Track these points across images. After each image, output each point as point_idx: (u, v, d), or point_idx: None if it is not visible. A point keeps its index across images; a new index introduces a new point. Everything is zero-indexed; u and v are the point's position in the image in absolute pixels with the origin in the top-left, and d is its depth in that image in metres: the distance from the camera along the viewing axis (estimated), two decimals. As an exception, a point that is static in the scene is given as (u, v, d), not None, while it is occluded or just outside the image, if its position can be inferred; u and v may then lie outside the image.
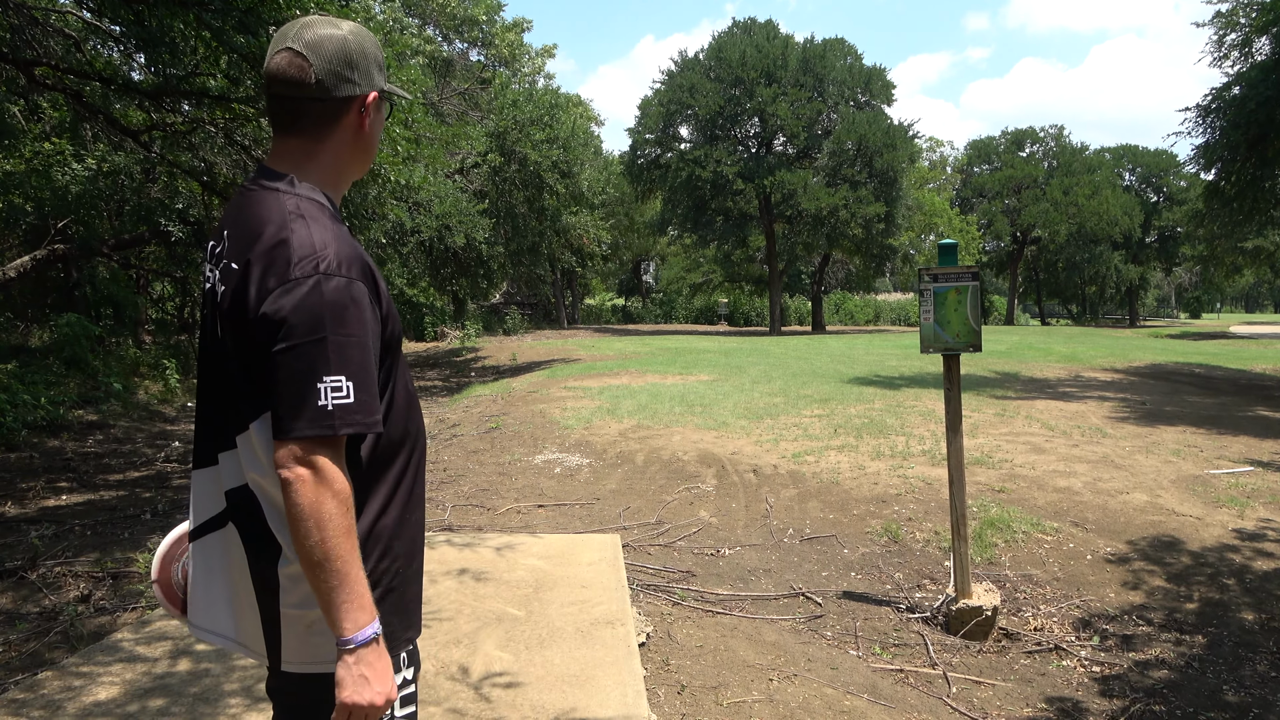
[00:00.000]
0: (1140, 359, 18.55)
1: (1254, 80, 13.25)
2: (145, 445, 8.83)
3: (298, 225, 1.30)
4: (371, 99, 1.43)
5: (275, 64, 1.37)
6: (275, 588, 1.37)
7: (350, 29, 1.40)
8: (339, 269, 1.28)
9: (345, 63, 1.38)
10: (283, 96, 1.38)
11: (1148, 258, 53.53)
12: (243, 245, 1.33)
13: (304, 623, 1.36)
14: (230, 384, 1.35)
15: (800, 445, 7.78)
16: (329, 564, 1.24)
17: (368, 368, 1.28)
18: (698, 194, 34.57)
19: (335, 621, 1.25)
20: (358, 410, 1.25)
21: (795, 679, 3.33)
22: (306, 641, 1.37)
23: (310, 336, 1.24)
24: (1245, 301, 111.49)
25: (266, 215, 1.33)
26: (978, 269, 4.24)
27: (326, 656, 1.34)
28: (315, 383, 1.23)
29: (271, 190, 1.37)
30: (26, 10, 6.98)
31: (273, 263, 1.27)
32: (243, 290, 1.29)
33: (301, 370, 1.23)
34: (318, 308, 1.24)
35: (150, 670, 3.07)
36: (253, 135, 7.54)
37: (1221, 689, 3.60)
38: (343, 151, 1.44)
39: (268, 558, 1.37)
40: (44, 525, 5.45)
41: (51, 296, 13.07)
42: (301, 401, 1.23)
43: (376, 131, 1.47)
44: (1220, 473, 6.78)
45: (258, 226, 1.32)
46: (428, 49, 18.18)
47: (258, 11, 5.67)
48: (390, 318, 1.41)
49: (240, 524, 1.39)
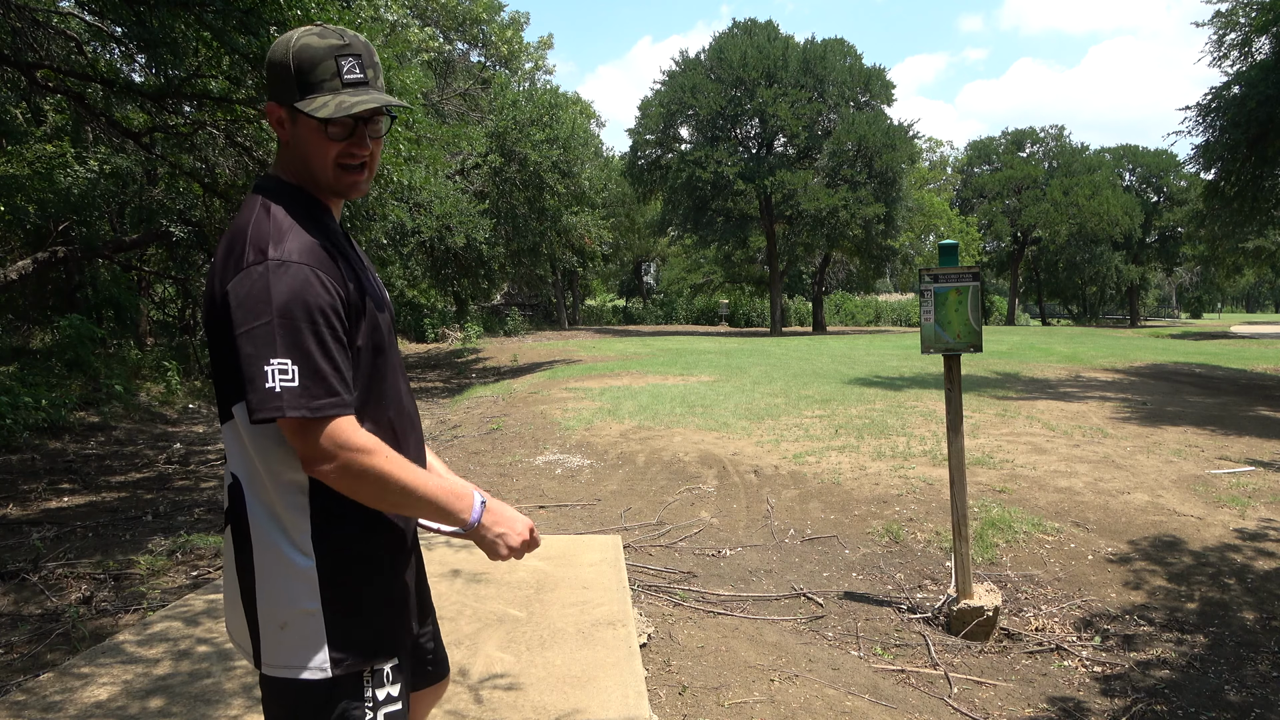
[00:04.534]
0: (1141, 359, 18.55)
1: (1254, 79, 13.25)
2: (147, 447, 8.84)
3: (260, 216, 1.35)
4: (269, 108, 1.43)
5: None
6: (252, 584, 1.36)
7: (287, 37, 1.40)
8: (289, 256, 1.29)
9: (269, 69, 1.41)
10: None
11: (1148, 258, 53.50)
12: (221, 248, 1.38)
13: (276, 623, 1.35)
14: (217, 379, 1.39)
15: (801, 446, 7.78)
16: (408, 500, 1.32)
17: (322, 352, 1.27)
18: (698, 194, 34.57)
19: (452, 523, 1.37)
20: (303, 394, 1.25)
21: (796, 679, 3.33)
22: (279, 643, 1.35)
23: (257, 321, 1.25)
24: (1246, 301, 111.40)
25: (242, 211, 1.39)
26: (978, 269, 4.24)
27: (296, 661, 1.34)
28: (263, 365, 1.24)
29: (255, 191, 1.42)
30: (28, 13, 6.99)
31: (230, 253, 1.33)
32: (212, 281, 1.35)
33: (250, 354, 1.25)
34: (264, 293, 1.26)
35: (150, 671, 3.07)
36: (254, 136, 7.55)
37: (1223, 689, 3.60)
38: (288, 154, 1.45)
39: (246, 553, 1.37)
40: (46, 527, 5.45)
41: (53, 298, 13.08)
42: (252, 384, 1.24)
43: (301, 143, 1.41)
44: (1221, 473, 6.77)
45: (233, 221, 1.39)
46: (431, 45, 18.20)
47: (259, 12, 5.68)
48: (365, 319, 1.40)
49: (231, 519, 1.40)
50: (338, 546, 1.36)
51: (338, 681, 1.36)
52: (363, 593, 1.39)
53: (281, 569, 1.34)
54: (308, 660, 1.34)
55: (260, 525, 1.35)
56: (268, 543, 1.35)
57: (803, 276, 49.08)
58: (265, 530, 1.35)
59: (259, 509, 1.35)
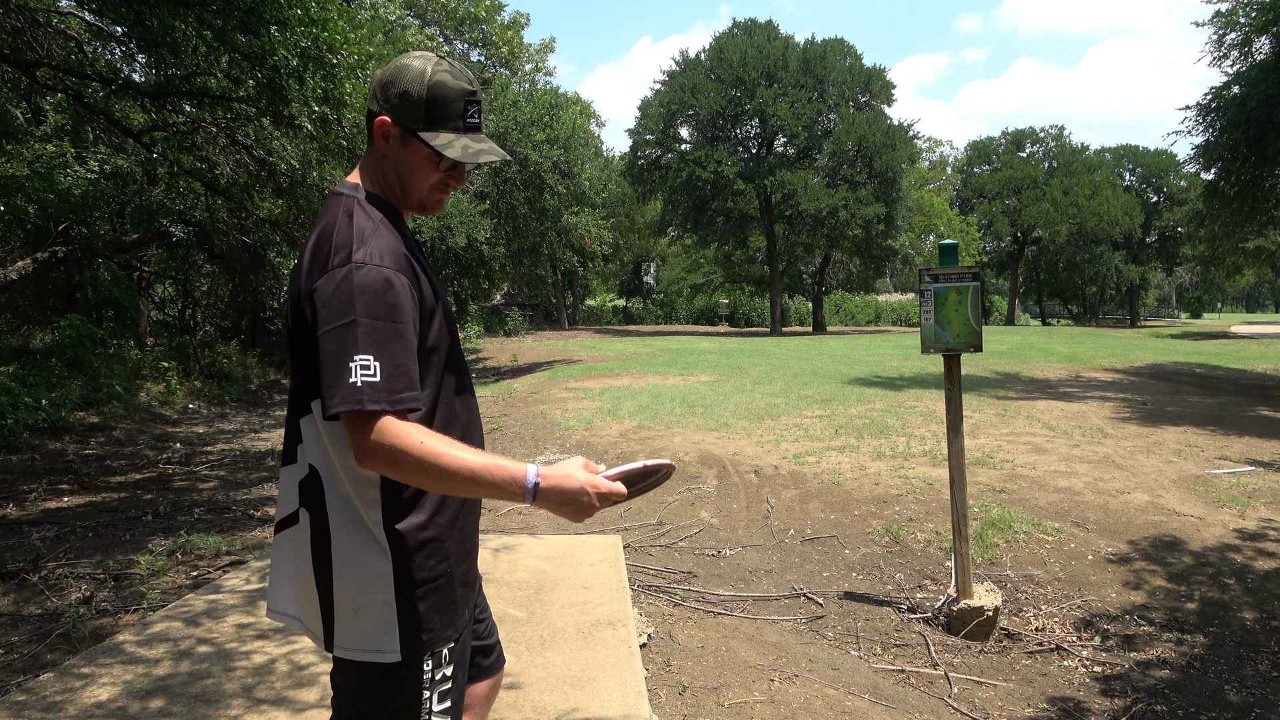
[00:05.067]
0: (1141, 359, 18.55)
1: (1254, 79, 13.25)
2: (147, 447, 8.84)
3: (343, 220, 1.43)
4: (380, 121, 1.49)
5: None
6: (329, 571, 1.44)
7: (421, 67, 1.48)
8: (371, 259, 1.37)
9: (379, 83, 1.51)
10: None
11: (1148, 258, 53.50)
12: (307, 250, 1.46)
13: (351, 608, 1.42)
14: (296, 375, 1.47)
15: (801, 446, 7.78)
16: (463, 482, 1.34)
17: (399, 351, 1.35)
18: (698, 194, 34.56)
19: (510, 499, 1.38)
20: (384, 389, 1.31)
21: (796, 679, 3.33)
22: (353, 627, 1.42)
23: (342, 320, 1.33)
24: (1246, 301, 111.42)
25: (324, 216, 1.47)
26: (978, 269, 4.24)
27: (368, 645, 1.42)
28: (347, 361, 1.31)
29: (336, 195, 1.51)
30: (28, 12, 6.99)
31: (317, 255, 1.41)
32: (298, 282, 1.43)
33: (334, 351, 1.32)
34: (349, 293, 1.34)
35: (151, 671, 3.07)
36: (254, 135, 7.55)
37: (1223, 689, 3.59)
38: (380, 166, 1.53)
39: (324, 541, 1.44)
40: (46, 527, 5.45)
41: (53, 298, 13.07)
42: (335, 380, 1.31)
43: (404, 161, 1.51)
44: (1221, 473, 6.77)
45: (317, 225, 1.47)
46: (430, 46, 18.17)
47: (259, 11, 5.68)
48: (436, 319, 1.49)
49: (309, 509, 1.47)
50: (407, 535, 1.43)
51: (403, 663, 1.43)
52: (429, 579, 1.45)
53: (358, 557, 1.42)
54: (379, 644, 1.42)
55: (339, 515, 1.43)
56: (345, 532, 1.42)
57: (803, 276, 49.07)
58: (343, 520, 1.42)
59: (337, 500, 1.43)
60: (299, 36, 5.92)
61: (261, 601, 3.84)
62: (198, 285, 17.25)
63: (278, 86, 6.13)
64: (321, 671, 3.08)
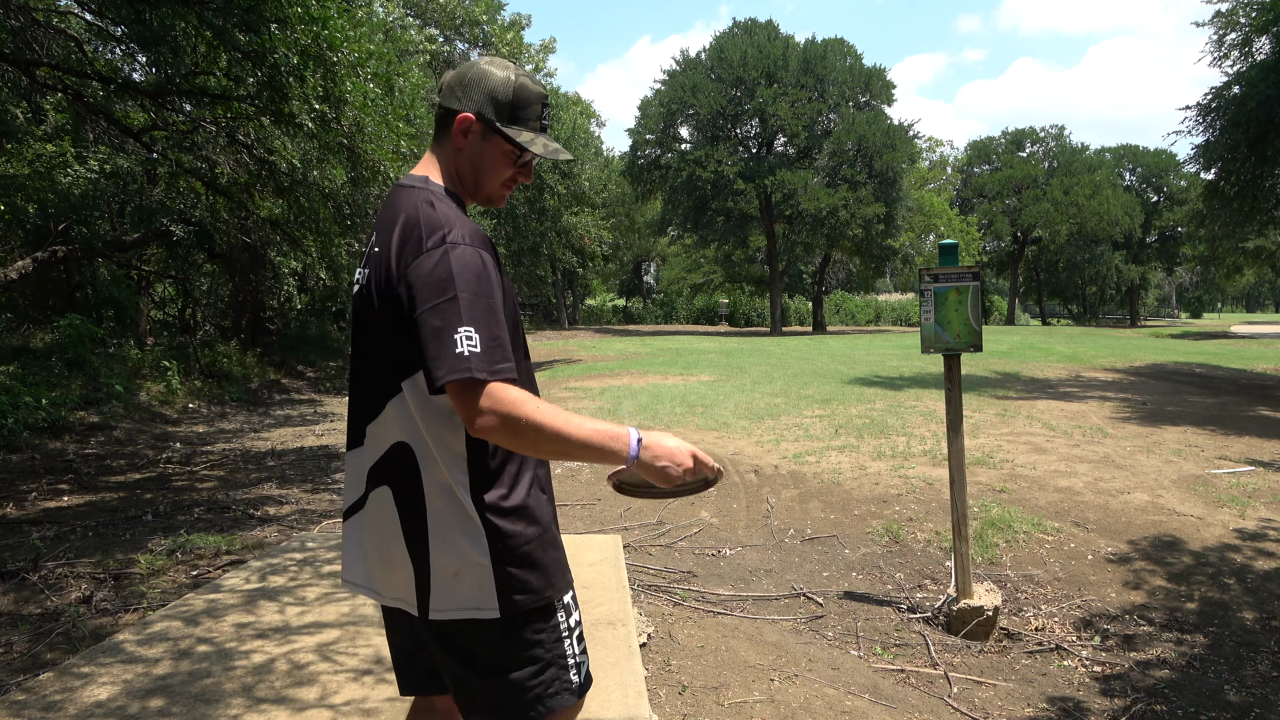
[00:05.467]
0: (1141, 359, 18.55)
1: (1254, 79, 13.25)
2: (147, 447, 8.84)
3: (426, 208, 1.53)
4: (464, 117, 1.60)
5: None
6: (425, 540, 1.52)
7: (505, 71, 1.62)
8: (464, 240, 1.48)
9: (461, 83, 1.62)
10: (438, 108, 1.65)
11: (1148, 258, 53.50)
12: (385, 233, 1.55)
13: (450, 572, 1.50)
14: (381, 358, 1.54)
15: (801, 445, 7.78)
16: (567, 446, 1.42)
17: (495, 323, 1.46)
18: (698, 194, 34.56)
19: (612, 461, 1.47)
20: (486, 357, 1.41)
21: (796, 679, 3.33)
22: (452, 590, 1.51)
23: (444, 296, 1.43)
24: (1246, 301, 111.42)
25: (402, 206, 1.56)
26: (978, 269, 4.23)
27: (469, 604, 1.51)
28: (451, 334, 1.41)
29: (407, 188, 1.59)
30: (28, 11, 6.99)
31: (407, 239, 1.49)
32: (387, 267, 1.51)
33: (439, 325, 1.41)
34: (448, 272, 1.44)
35: (150, 671, 3.07)
36: (254, 134, 7.54)
37: (1223, 688, 3.59)
38: (454, 160, 1.64)
39: (418, 514, 1.52)
40: (46, 526, 5.45)
41: (53, 298, 13.05)
42: (441, 352, 1.40)
43: (484, 155, 1.63)
44: (1221, 472, 6.77)
45: (395, 215, 1.55)
46: (429, 48, 18.18)
47: (259, 9, 5.68)
48: (508, 298, 1.59)
49: (394, 482, 1.55)
50: (496, 502, 1.53)
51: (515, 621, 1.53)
52: (524, 541, 1.55)
53: (453, 525, 1.51)
54: (480, 602, 1.51)
55: (433, 486, 1.51)
56: (439, 501, 1.51)
57: (803, 276, 49.07)
58: (437, 491, 1.51)
59: (431, 473, 1.52)
60: (299, 34, 5.92)
61: (262, 601, 3.84)
62: (198, 285, 17.23)
63: (278, 84, 6.13)
64: (321, 671, 3.08)
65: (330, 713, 2.76)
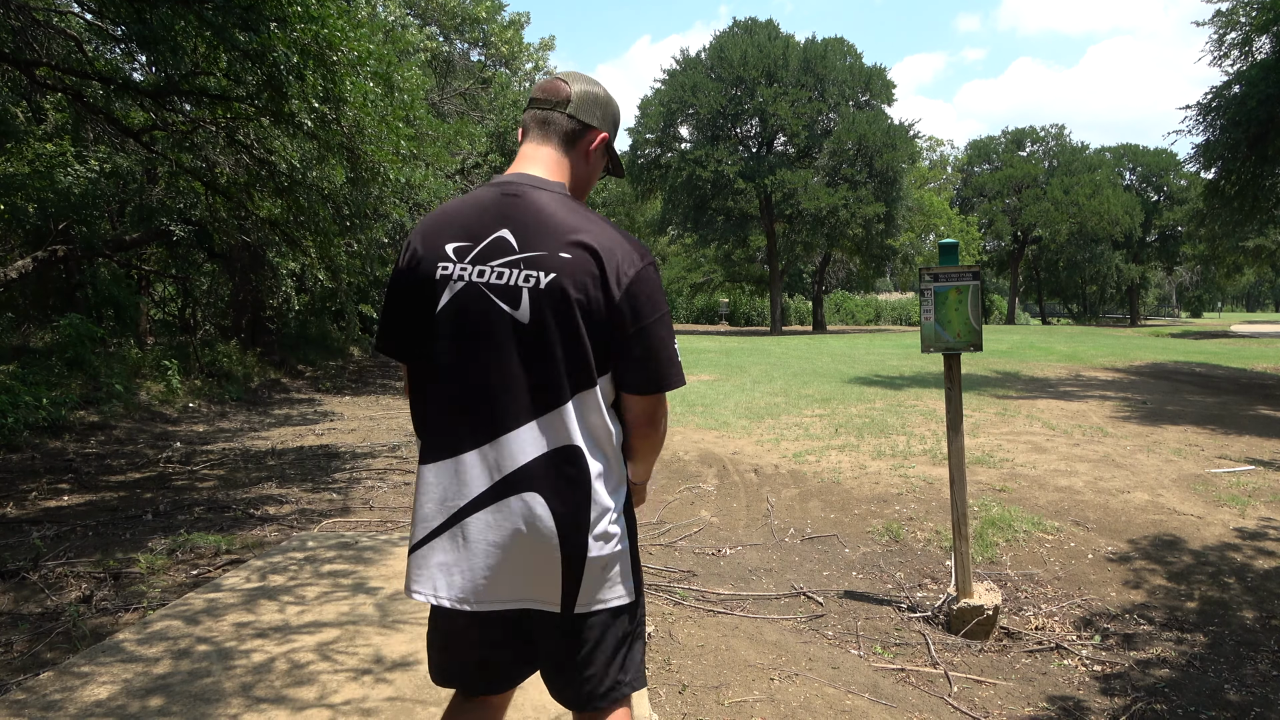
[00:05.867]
0: (1141, 358, 18.55)
1: (1254, 78, 13.24)
2: (147, 446, 8.83)
3: (609, 225, 1.61)
4: (604, 136, 1.73)
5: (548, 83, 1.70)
6: (584, 537, 1.59)
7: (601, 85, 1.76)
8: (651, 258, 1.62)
9: (598, 103, 1.71)
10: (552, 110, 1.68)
11: (1148, 257, 53.48)
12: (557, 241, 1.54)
13: (600, 565, 1.60)
14: (551, 363, 1.54)
15: (801, 445, 7.78)
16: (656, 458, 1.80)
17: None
18: (698, 193, 34.56)
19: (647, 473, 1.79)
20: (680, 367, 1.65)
21: (796, 678, 3.33)
22: (602, 583, 1.61)
23: (662, 311, 1.59)
24: (1246, 300, 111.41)
25: (567, 213, 1.58)
26: (978, 268, 4.23)
27: (613, 595, 1.63)
28: (673, 345, 1.61)
29: (551, 192, 1.61)
30: (28, 11, 6.98)
31: (612, 254, 1.54)
32: (589, 276, 1.53)
33: (664, 337, 1.59)
34: (658, 289, 1.60)
35: (150, 670, 3.07)
36: (254, 134, 7.54)
37: (1223, 688, 3.59)
38: (578, 171, 1.71)
39: (576, 512, 1.58)
40: (46, 526, 5.45)
41: (53, 298, 13.05)
42: (671, 361, 1.60)
43: (595, 172, 1.78)
44: (1221, 472, 6.77)
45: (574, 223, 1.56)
46: (429, 45, 18.16)
47: (259, 8, 5.67)
48: None
49: (547, 486, 1.57)
50: (625, 497, 1.69)
51: (636, 600, 1.69)
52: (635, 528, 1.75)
53: (609, 520, 1.62)
54: (620, 591, 1.64)
55: (598, 487, 1.60)
56: (601, 501, 1.60)
57: (803, 275, 49.05)
58: (599, 491, 1.60)
59: (592, 473, 1.59)
60: (299, 33, 5.92)
61: (262, 600, 3.83)
62: (198, 284, 17.22)
63: (278, 84, 6.12)
64: (321, 670, 3.08)
65: (329, 712, 2.76)
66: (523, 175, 1.64)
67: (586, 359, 1.53)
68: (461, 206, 1.63)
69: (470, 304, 1.55)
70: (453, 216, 1.61)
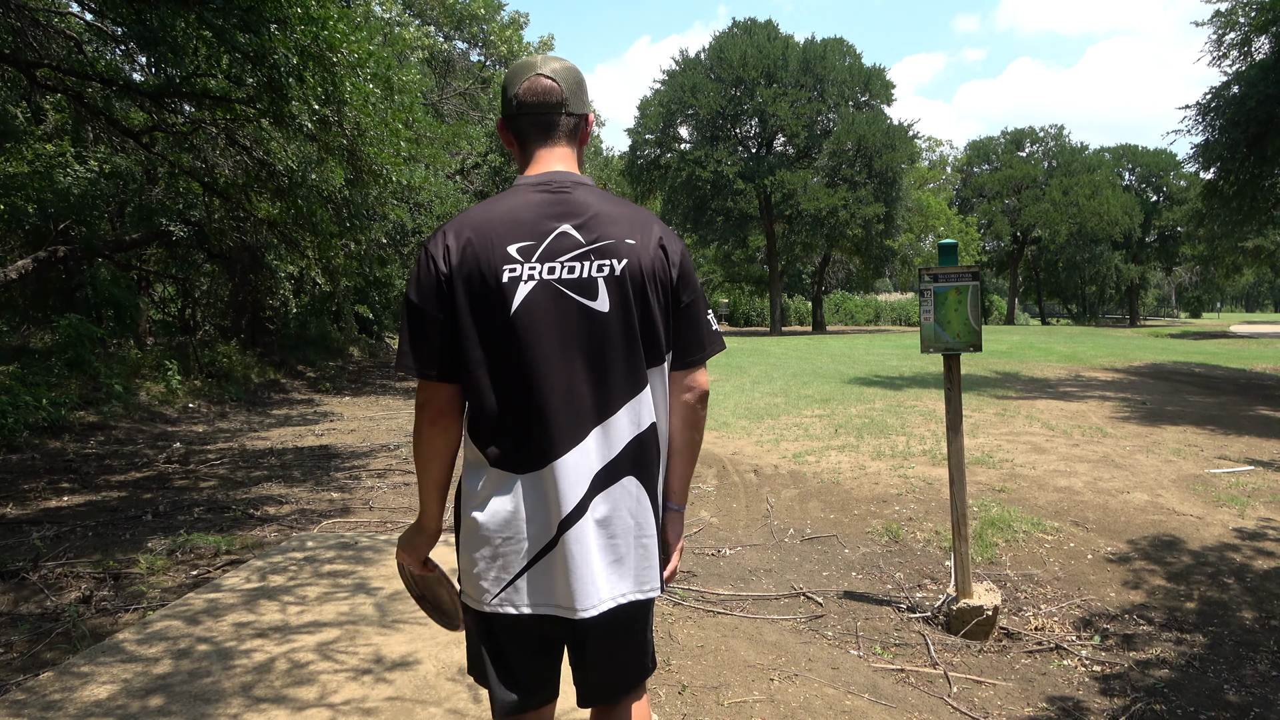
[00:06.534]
0: (1140, 359, 18.55)
1: (1253, 79, 13.25)
2: (146, 446, 8.84)
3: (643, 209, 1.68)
4: (590, 119, 1.76)
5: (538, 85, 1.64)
6: (661, 520, 1.68)
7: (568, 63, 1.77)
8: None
9: (581, 86, 1.70)
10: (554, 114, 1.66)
11: (1148, 257, 53.50)
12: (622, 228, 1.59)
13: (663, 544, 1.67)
14: (631, 348, 1.57)
15: (801, 445, 7.78)
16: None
17: None
18: (698, 194, 34.56)
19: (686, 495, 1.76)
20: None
21: (796, 679, 3.34)
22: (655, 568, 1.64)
23: (698, 285, 1.69)
24: (1245, 301, 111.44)
25: (614, 203, 1.64)
26: (978, 269, 4.23)
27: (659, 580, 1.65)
28: (709, 314, 1.71)
29: (584, 185, 1.64)
30: (28, 12, 6.99)
31: (666, 234, 1.64)
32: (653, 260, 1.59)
33: (705, 308, 1.69)
34: (693, 264, 1.69)
35: (150, 670, 3.07)
36: (254, 135, 7.54)
37: (1222, 688, 3.60)
38: (580, 154, 1.74)
39: (656, 493, 1.65)
40: (45, 526, 5.45)
41: (53, 298, 13.05)
42: (712, 330, 1.70)
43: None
44: (1221, 472, 6.78)
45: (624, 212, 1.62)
46: (427, 44, 18.17)
47: (259, 10, 5.67)
48: None
49: (640, 470, 1.61)
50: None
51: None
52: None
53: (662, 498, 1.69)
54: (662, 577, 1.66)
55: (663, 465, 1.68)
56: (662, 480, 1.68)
57: (802, 276, 49.07)
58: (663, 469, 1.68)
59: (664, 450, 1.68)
60: (299, 35, 5.92)
61: (261, 600, 3.84)
62: (197, 285, 17.23)
63: (278, 85, 6.13)
64: (321, 670, 3.08)
65: (329, 712, 2.76)
66: (557, 173, 1.63)
67: (658, 337, 1.60)
68: (510, 208, 1.57)
69: (546, 301, 1.52)
70: (503, 218, 1.55)
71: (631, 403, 1.57)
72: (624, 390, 1.56)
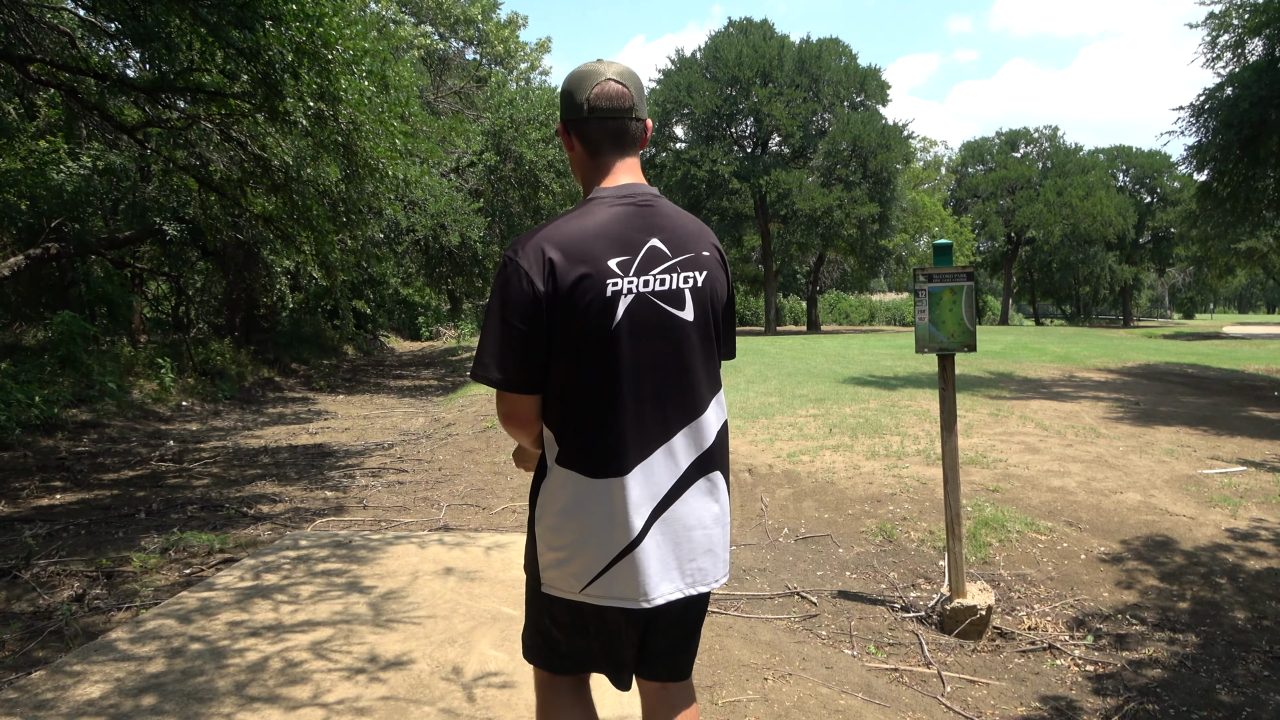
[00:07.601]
0: (1134, 359, 18.62)
1: (1247, 80, 13.28)
2: (139, 444, 8.80)
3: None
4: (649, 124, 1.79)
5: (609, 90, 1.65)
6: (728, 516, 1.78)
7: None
8: None
9: (642, 92, 1.74)
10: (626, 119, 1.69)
11: (1141, 258, 53.65)
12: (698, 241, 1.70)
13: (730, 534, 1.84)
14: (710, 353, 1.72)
15: (795, 445, 7.79)
16: None
17: None
18: (693, 193, 34.55)
19: None
20: None
21: (790, 678, 3.34)
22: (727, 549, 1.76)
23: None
24: (1238, 302, 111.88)
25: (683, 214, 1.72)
26: (972, 269, 4.24)
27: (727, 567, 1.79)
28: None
29: (663, 198, 1.71)
30: (22, 7, 6.95)
31: (719, 247, 1.76)
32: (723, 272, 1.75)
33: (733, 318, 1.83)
34: None
35: (143, 669, 3.06)
36: (249, 131, 7.51)
37: (1214, 688, 3.61)
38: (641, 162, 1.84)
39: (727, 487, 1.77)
40: (38, 524, 5.43)
41: (46, 295, 12.99)
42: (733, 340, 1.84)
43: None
44: (1213, 472, 6.80)
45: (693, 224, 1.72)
46: (423, 43, 18.13)
47: (254, 6, 5.65)
48: None
49: (724, 464, 1.75)
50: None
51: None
52: None
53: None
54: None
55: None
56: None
57: (797, 276, 49.12)
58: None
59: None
60: (294, 31, 5.90)
61: (255, 599, 3.83)
62: (191, 282, 17.18)
63: (273, 82, 6.10)
64: (314, 669, 3.08)
65: (323, 711, 2.76)
66: (636, 185, 1.68)
67: (721, 339, 1.75)
68: (601, 222, 1.60)
69: (643, 313, 1.60)
70: (598, 233, 1.59)
71: (714, 401, 1.72)
72: (709, 390, 1.70)
